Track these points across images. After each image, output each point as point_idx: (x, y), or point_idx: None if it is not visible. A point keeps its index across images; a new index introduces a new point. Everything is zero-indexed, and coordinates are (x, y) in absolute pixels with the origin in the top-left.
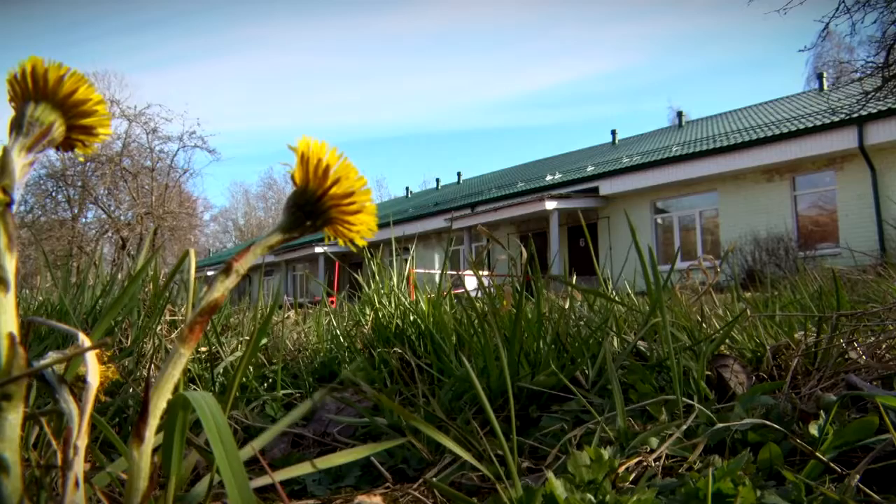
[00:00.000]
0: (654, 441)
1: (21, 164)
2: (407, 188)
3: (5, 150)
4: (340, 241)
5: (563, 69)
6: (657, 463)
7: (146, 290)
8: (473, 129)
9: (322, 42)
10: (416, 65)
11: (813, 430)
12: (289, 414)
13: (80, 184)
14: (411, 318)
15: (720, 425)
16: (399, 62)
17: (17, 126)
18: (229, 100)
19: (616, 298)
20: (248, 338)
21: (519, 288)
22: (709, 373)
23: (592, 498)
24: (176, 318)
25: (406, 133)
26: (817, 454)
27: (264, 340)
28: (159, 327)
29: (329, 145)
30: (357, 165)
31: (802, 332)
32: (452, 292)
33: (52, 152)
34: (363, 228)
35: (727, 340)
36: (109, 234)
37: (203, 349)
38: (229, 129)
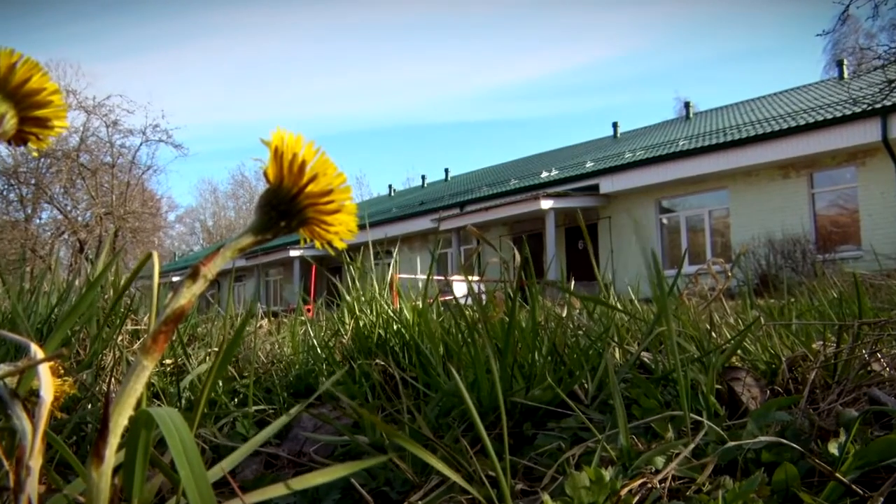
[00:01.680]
0: (659, 461)
1: None
2: (390, 186)
3: None
4: (317, 244)
5: (560, 57)
6: (663, 485)
7: (106, 297)
8: (463, 122)
9: (298, 28)
10: (400, 52)
11: (832, 448)
12: (262, 431)
13: (33, 182)
14: (395, 327)
15: (731, 444)
16: (382, 49)
17: None
18: (196, 91)
19: (618, 306)
20: (216, 349)
21: (512, 294)
22: (719, 387)
23: None
24: (138, 327)
25: (389, 126)
26: (837, 475)
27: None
28: (120, 338)
29: (305, 139)
30: (336, 161)
31: (821, 343)
32: (440, 299)
33: (2, 147)
34: (342, 229)
35: (739, 351)
36: (66, 236)
37: (168, 361)
38: (196, 123)
